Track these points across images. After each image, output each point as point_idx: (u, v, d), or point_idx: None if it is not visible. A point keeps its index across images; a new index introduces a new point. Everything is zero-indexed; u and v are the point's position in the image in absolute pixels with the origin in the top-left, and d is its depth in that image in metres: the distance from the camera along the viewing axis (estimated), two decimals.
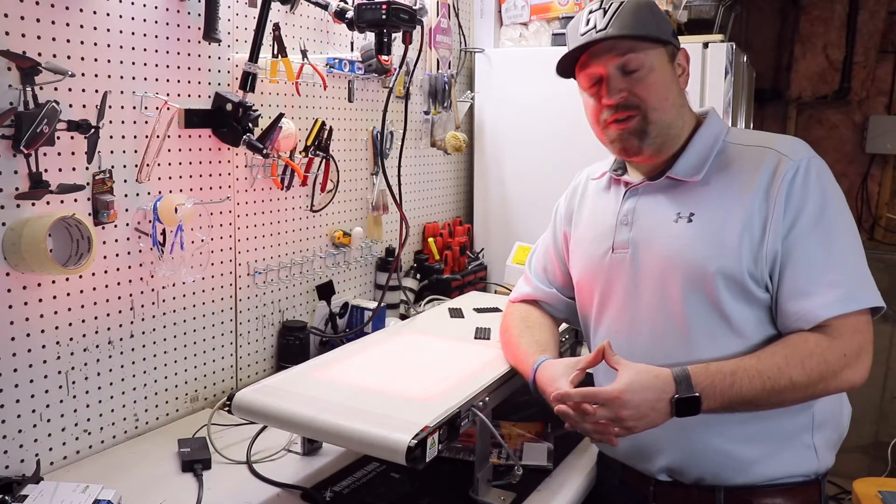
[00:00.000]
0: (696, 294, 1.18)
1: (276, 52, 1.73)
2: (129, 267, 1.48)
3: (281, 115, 1.72)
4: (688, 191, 1.24)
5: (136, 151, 1.47)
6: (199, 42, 1.58)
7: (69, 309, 1.37)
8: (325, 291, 1.97)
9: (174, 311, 1.59)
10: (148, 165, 1.48)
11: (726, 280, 1.16)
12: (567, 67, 1.30)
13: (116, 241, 1.45)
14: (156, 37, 1.49)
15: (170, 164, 1.55)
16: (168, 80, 1.52)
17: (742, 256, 1.15)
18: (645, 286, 1.25)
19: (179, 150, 1.57)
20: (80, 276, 1.39)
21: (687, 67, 1.30)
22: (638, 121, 1.22)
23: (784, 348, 1.12)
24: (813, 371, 1.09)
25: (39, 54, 1.26)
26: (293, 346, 1.84)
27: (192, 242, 1.58)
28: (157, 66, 1.50)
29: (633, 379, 1.09)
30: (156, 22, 1.49)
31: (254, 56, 1.63)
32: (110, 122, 1.40)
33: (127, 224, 1.46)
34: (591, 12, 1.24)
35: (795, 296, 1.13)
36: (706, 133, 1.26)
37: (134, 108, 1.45)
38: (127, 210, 1.46)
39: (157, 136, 1.49)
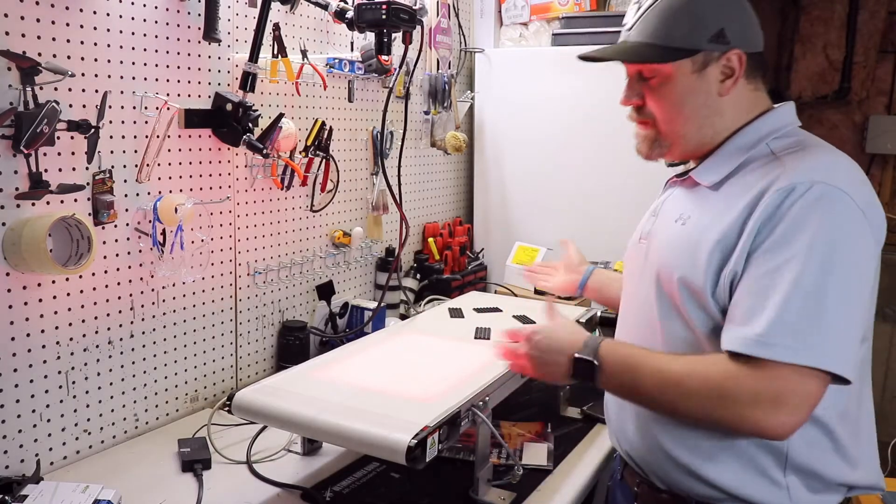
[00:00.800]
0: (665, 295, 1.16)
1: (276, 52, 1.73)
2: (129, 267, 1.48)
3: (281, 115, 1.72)
4: (700, 194, 1.18)
5: (136, 151, 1.47)
6: (199, 42, 1.58)
7: (69, 309, 1.37)
8: (325, 291, 1.97)
9: (174, 311, 1.59)
10: (148, 165, 1.48)
11: (689, 290, 1.10)
12: None
13: (116, 241, 1.45)
14: (156, 37, 1.49)
15: (170, 164, 1.55)
16: (168, 80, 1.52)
17: (707, 272, 1.07)
18: (644, 278, 1.24)
19: (179, 150, 1.57)
20: (80, 276, 1.39)
21: (739, 69, 1.12)
22: (651, 129, 1.19)
23: (699, 361, 1.05)
24: (713, 392, 1.00)
25: (39, 54, 1.26)
26: (293, 346, 1.84)
27: (192, 242, 1.58)
28: (157, 66, 1.50)
29: (552, 325, 1.21)
30: (156, 22, 1.49)
31: (254, 56, 1.63)
32: (110, 122, 1.40)
33: (127, 224, 1.46)
34: (635, 1, 1.18)
35: (728, 320, 1.03)
36: (744, 137, 1.15)
37: (134, 108, 1.45)
38: (127, 210, 1.46)
39: (157, 136, 1.49)
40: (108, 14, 1.39)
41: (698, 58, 1.12)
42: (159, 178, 1.53)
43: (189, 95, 1.58)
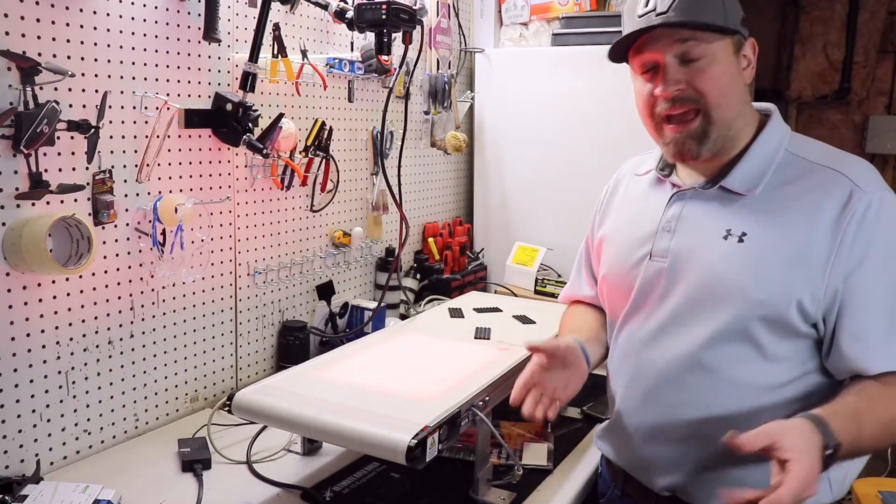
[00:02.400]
0: (730, 318, 1.10)
1: (276, 52, 1.73)
2: (129, 267, 1.48)
3: (281, 115, 1.72)
4: (741, 205, 1.12)
5: (136, 151, 1.47)
6: (199, 42, 1.58)
7: (69, 309, 1.37)
8: (325, 291, 1.98)
9: (174, 311, 1.59)
10: (148, 165, 1.48)
11: (766, 311, 1.07)
12: (621, 51, 1.17)
13: (116, 241, 1.45)
14: (156, 37, 1.49)
15: (170, 164, 1.55)
16: (168, 80, 1.52)
17: (790, 289, 1.06)
18: (677, 299, 1.16)
19: (179, 150, 1.57)
20: (80, 276, 1.39)
21: (753, 59, 1.15)
22: (699, 122, 1.11)
23: (883, 392, 1.03)
24: None
25: (39, 54, 1.26)
26: (293, 346, 1.85)
27: (192, 242, 1.58)
28: (157, 66, 1.50)
29: (796, 439, 0.95)
30: (156, 22, 1.49)
31: (254, 56, 1.63)
32: (110, 122, 1.40)
33: (127, 224, 1.46)
34: None
35: (860, 339, 1.05)
36: (768, 139, 1.14)
37: (134, 108, 1.45)
38: (127, 210, 1.46)
39: (157, 136, 1.49)
40: (108, 14, 1.39)
41: (735, 39, 1.12)
42: (159, 178, 1.53)
43: (189, 95, 1.58)
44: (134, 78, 1.45)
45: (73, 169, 1.34)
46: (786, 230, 1.07)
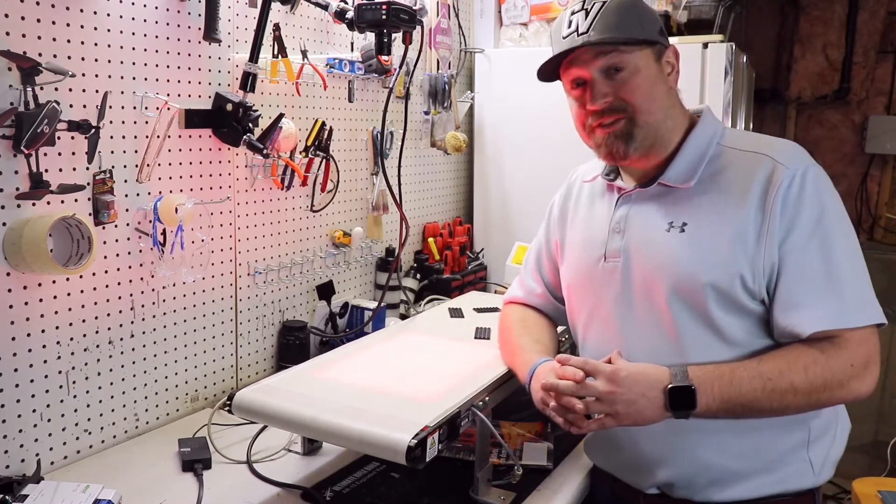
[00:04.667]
0: (684, 305, 1.15)
1: (276, 52, 1.73)
2: (130, 267, 1.48)
3: (281, 116, 1.72)
4: (680, 198, 1.20)
5: (136, 151, 1.47)
6: (200, 42, 1.58)
7: (69, 309, 1.37)
8: (325, 291, 1.98)
9: (174, 311, 1.59)
10: (148, 165, 1.48)
11: (716, 292, 1.13)
12: (551, 71, 1.27)
13: (117, 241, 1.45)
14: (156, 37, 1.49)
15: (170, 164, 1.55)
16: (168, 80, 1.52)
17: (734, 269, 1.12)
18: (636, 296, 1.22)
19: (180, 150, 1.57)
20: (81, 276, 1.39)
21: (676, 65, 1.24)
22: (624, 123, 1.18)
23: (787, 353, 1.10)
24: (816, 378, 1.06)
25: (40, 54, 1.27)
26: (293, 346, 1.85)
27: (193, 242, 1.58)
28: (157, 66, 1.50)
29: (629, 365, 1.11)
30: (156, 22, 1.49)
31: (254, 56, 1.63)
32: (110, 122, 1.40)
33: (127, 224, 1.46)
34: (573, 13, 1.20)
35: (791, 307, 1.10)
36: (699, 135, 1.21)
37: (134, 108, 1.45)
38: (127, 210, 1.46)
39: (158, 136, 1.49)
40: (108, 14, 1.39)
41: (657, 48, 1.21)
42: (159, 178, 1.53)
43: (189, 95, 1.58)
44: (134, 78, 1.45)
45: (74, 169, 1.35)
46: (722, 214, 1.15)
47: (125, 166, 1.45)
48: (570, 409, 1.10)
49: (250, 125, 1.63)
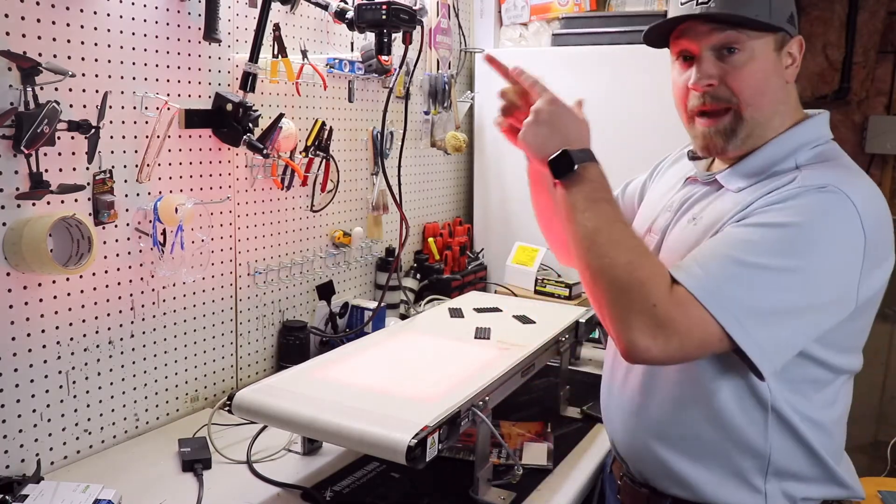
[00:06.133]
0: None
1: (276, 52, 1.73)
2: (130, 267, 1.48)
3: (281, 115, 1.72)
4: (722, 196, 1.12)
5: (136, 151, 1.47)
6: (200, 42, 1.58)
7: (69, 309, 1.37)
8: (325, 291, 1.98)
9: (174, 311, 1.59)
10: (148, 165, 1.48)
11: None
12: (658, 37, 1.15)
13: (117, 241, 1.45)
14: (156, 37, 1.49)
15: (170, 164, 1.55)
16: (168, 80, 1.52)
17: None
18: None
19: (180, 150, 1.57)
20: (81, 276, 1.39)
21: (798, 57, 1.10)
22: (730, 119, 1.08)
23: (648, 252, 1.03)
24: (634, 280, 0.96)
25: (40, 54, 1.27)
26: (293, 346, 1.85)
27: (193, 242, 1.58)
28: (157, 66, 1.50)
29: (574, 109, 1.12)
30: (156, 22, 1.49)
31: (254, 56, 1.63)
32: (110, 122, 1.40)
33: (127, 224, 1.46)
34: None
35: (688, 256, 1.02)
36: (779, 144, 1.09)
37: (134, 108, 1.45)
38: (127, 210, 1.46)
39: (158, 136, 1.49)
40: (108, 14, 1.39)
41: (779, 37, 1.08)
42: (159, 178, 1.53)
43: (189, 95, 1.58)
44: (134, 78, 1.45)
45: (74, 169, 1.35)
46: (721, 213, 1.07)
47: (125, 166, 1.45)
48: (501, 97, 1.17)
49: (250, 125, 1.63)
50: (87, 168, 1.37)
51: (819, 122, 1.13)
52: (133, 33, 1.44)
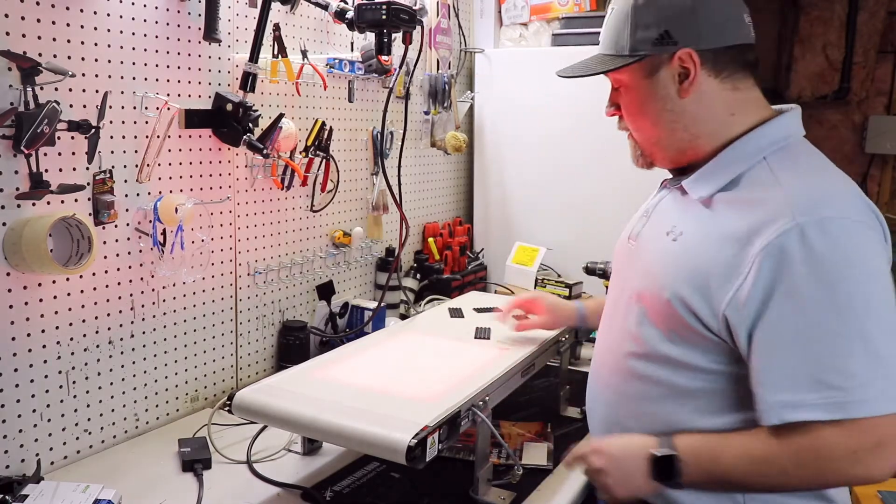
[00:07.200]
0: (642, 308, 1.13)
1: (276, 52, 1.73)
2: (130, 267, 1.48)
3: (281, 116, 1.72)
4: (691, 206, 1.11)
5: (136, 151, 1.47)
6: (200, 42, 1.58)
7: (69, 309, 1.37)
8: (325, 291, 1.98)
9: (174, 311, 1.59)
10: (148, 165, 1.48)
11: (684, 308, 1.05)
12: None
13: (117, 241, 1.45)
14: (156, 37, 1.49)
15: (170, 164, 1.55)
16: (168, 80, 1.52)
17: (702, 300, 1.03)
18: (627, 281, 1.21)
19: (180, 150, 1.57)
20: (81, 276, 1.39)
21: (692, 69, 1.07)
22: (633, 141, 1.21)
23: (778, 433, 0.98)
24: (810, 464, 0.96)
25: (40, 54, 1.27)
26: (293, 346, 1.85)
27: (193, 242, 1.58)
28: (157, 66, 1.50)
29: (615, 438, 1.13)
30: (156, 22, 1.49)
31: (254, 56, 1.63)
32: (110, 122, 1.40)
33: (127, 224, 1.46)
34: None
35: (768, 386, 0.98)
36: (742, 147, 1.08)
37: (134, 108, 1.45)
38: (127, 210, 1.46)
39: (158, 136, 1.49)
40: (108, 14, 1.39)
41: (646, 63, 1.10)
42: (159, 178, 1.53)
43: (189, 95, 1.58)
44: (134, 78, 1.45)
45: (74, 169, 1.34)
46: (709, 235, 1.05)
47: (125, 166, 1.45)
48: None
49: (250, 125, 1.63)
50: (87, 168, 1.37)
51: (787, 120, 1.11)
52: (133, 33, 1.44)
